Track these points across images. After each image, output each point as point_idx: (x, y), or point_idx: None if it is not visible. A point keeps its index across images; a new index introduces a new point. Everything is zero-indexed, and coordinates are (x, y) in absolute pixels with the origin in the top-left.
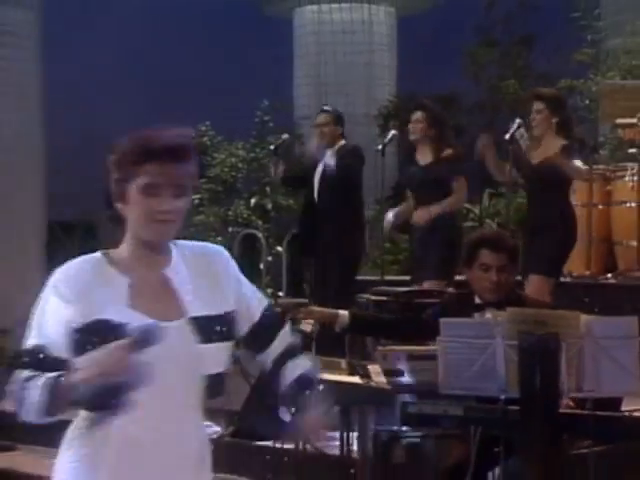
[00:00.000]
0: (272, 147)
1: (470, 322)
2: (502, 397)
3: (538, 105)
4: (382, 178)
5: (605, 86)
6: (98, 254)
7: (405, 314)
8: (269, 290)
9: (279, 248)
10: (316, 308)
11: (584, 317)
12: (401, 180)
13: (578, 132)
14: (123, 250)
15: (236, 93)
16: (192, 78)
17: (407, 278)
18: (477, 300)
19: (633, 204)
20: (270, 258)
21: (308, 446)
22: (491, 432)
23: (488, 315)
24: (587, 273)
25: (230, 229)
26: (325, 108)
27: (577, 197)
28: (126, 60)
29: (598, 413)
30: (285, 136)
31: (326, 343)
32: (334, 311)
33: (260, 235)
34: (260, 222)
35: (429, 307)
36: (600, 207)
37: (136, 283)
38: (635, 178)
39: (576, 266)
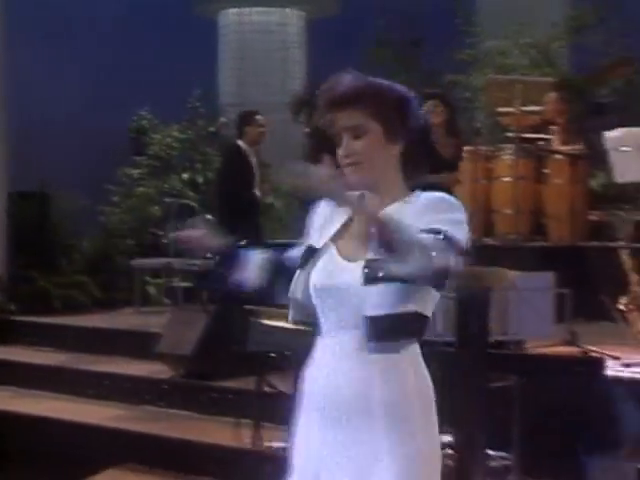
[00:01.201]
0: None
1: None
2: (439, 340)
3: (427, 103)
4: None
5: (488, 80)
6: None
7: None
8: None
9: (208, 216)
10: None
11: (510, 273)
12: None
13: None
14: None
15: (172, 83)
16: (133, 69)
17: None
18: None
19: (509, 179)
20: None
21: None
22: (434, 369)
23: None
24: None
25: (166, 200)
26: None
27: (464, 174)
28: (72, 52)
29: (520, 353)
30: (222, 119)
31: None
32: None
33: (193, 205)
34: (192, 194)
35: None
36: (483, 182)
37: (349, 221)
38: (511, 157)
39: None
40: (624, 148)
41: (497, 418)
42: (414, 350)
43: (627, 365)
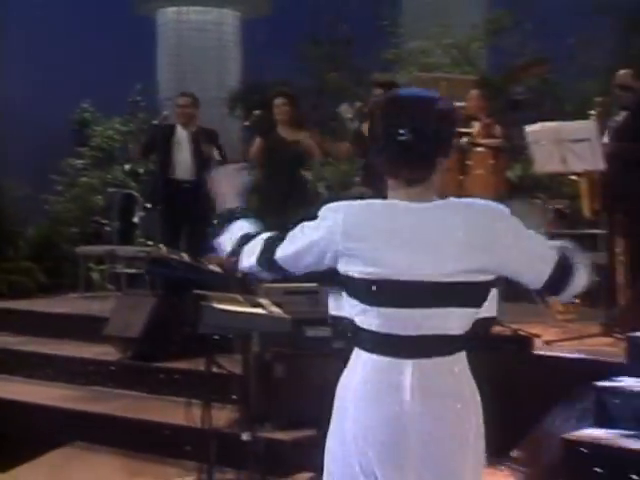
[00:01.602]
0: (155, 122)
1: None
2: None
3: (376, 91)
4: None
5: (413, 78)
6: None
7: None
8: (141, 240)
9: (149, 205)
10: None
11: None
12: None
13: None
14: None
15: (114, 78)
16: (76, 64)
17: None
18: None
19: None
20: (143, 214)
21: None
22: None
23: None
24: None
25: (109, 189)
26: (185, 92)
27: None
28: (16, 47)
29: None
30: (165, 112)
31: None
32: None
33: (136, 195)
34: (134, 184)
35: None
36: None
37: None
38: None
39: None
40: (543, 141)
41: None
42: None
43: (547, 343)
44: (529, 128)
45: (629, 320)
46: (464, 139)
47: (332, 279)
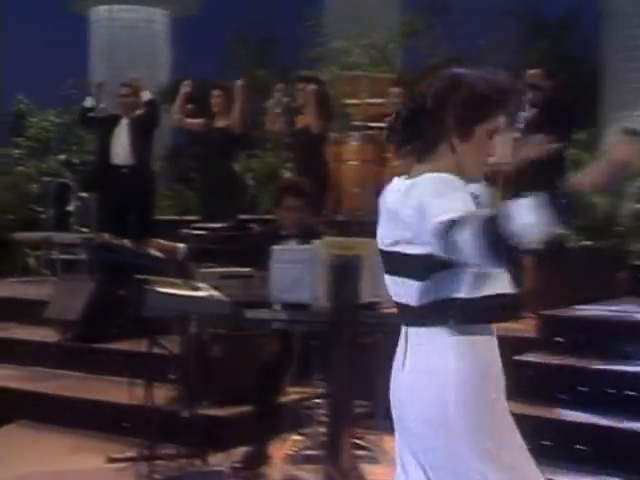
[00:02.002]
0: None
1: (295, 248)
2: (315, 304)
3: (300, 85)
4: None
5: (336, 76)
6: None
7: (225, 244)
8: (76, 227)
9: (84, 194)
10: (161, 241)
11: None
12: None
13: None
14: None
15: (49, 72)
16: (13, 59)
17: (195, 217)
18: (283, 232)
19: (355, 162)
20: (78, 202)
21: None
22: (310, 329)
23: (292, 243)
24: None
25: (45, 179)
26: (126, 82)
27: None
28: None
29: (386, 312)
30: (102, 105)
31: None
32: (173, 244)
33: (70, 184)
34: (69, 174)
35: (245, 237)
36: (333, 164)
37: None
38: (357, 143)
39: None
40: None
41: (365, 370)
42: None
43: None
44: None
45: (536, 300)
46: (383, 133)
47: None
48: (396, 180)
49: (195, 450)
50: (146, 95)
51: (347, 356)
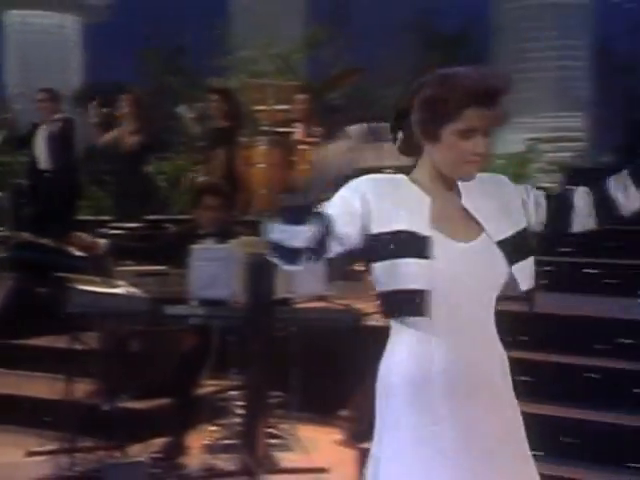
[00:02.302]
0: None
1: (213, 247)
2: (232, 300)
3: (212, 96)
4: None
5: (244, 83)
6: (400, 175)
7: (142, 242)
8: None
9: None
10: (82, 235)
11: None
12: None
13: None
14: (422, 176)
15: None
16: None
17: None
18: (200, 232)
19: (264, 165)
20: None
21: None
22: (227, 324)
23: (209, 242)
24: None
25: None
26: (45, 87)
27: None
28: None
29: (300, 307)
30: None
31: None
32: (94, 238)
33: None
34: None
35: (162, 236)
36: (243, 167)
37: (437, 205)
38: (265, 147)
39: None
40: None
41: (280, 362)
42: None
43: (366, 314)
44: (350, 128)
45: None
46: (290, 138)
47: None
48: None
49: (114, 442)
50: (60, 112)
51: (262, 349)
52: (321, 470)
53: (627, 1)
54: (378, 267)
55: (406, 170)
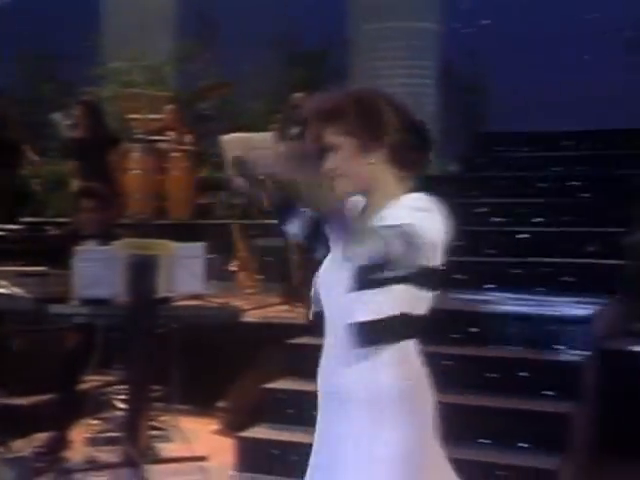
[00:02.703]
0: None
1: (97, 248)
2: (115, 299)
3: (80, 109)
4: None
5: (117, 93)
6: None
7: (21, 244)
8: None
9: None
10: None
11: (172, 243)
12: None
13: None
14: None
15: None
16: None
17: None
18: (82, 234)
19: (138, 171)
20: None
21: None
22: (110, 322)
23: (91, 244)
24: None
25: None
26: None
27: None
28: None
29: (180, 305)
30: None
31: None
32: None
33: None
34: None
35: (44, 238)
36: (119, 173)
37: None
38: (139, 154)
39: None
40: (236, 149)
41: (161, 358)
42: (401, 348)
43: (244, 311)
44: (223, 137)
45: (303, 292)
46: (162, 145)
47: None
48: None
49: None
50: None
51: (144, 345)
52: (201, 459)
53: (466, 27)
54: None
55: None
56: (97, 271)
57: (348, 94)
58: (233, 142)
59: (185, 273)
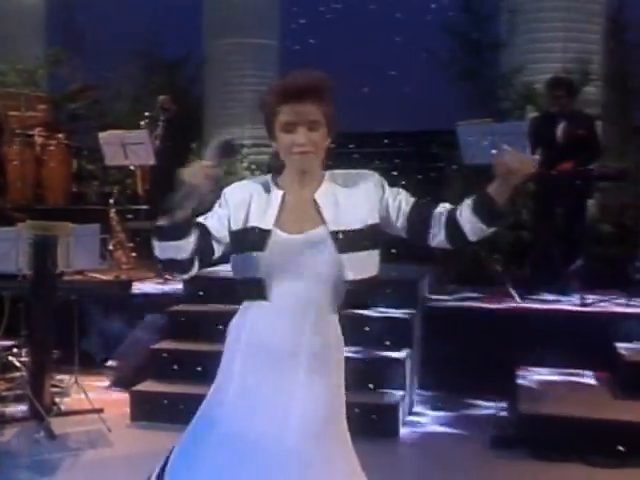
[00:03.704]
0: None
1: (4, 229)
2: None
3: None
4: None
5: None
6: (268, 176)
7: None
8: None
9: None
10: None
11: (70, 225)
12: None
13: None
14: (284, 176)
15: None
16: None
17: None
18: None
19: (17, 162)
20: None
21: None
22: (16, 294)
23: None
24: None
25: None
26: None
27: None
28: None
29: (78, 279)
30: None
31: None
32: None
33: None
34: None
35: None
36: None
37: (288, 200)
38: (18, 147)
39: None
40: (111, 143)
41: (60, 324)
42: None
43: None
44: (101, 134)
45: None
46: (39, 139)
47: None
48: None
49: None
50: None
51: (46, 313)
52: (99, 410)
53: (298, 44)
54: (234, 258)
55: None
56: (4, 249)
57: (325, 78)
58: (110, 137)
59: (82, 250)
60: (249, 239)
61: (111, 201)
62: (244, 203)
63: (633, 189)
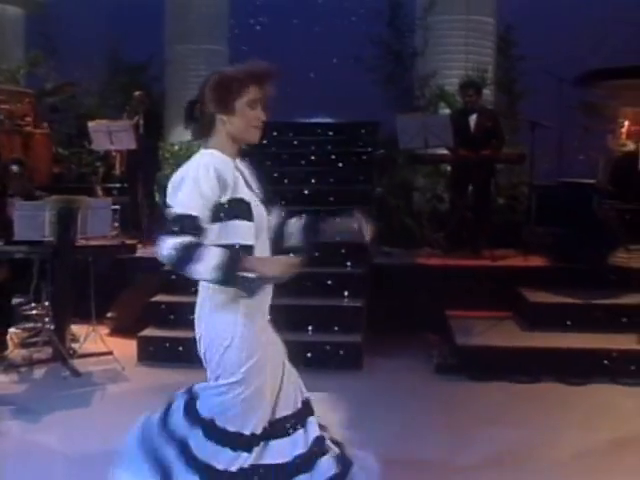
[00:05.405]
0: None
1: (31, 203)
2: (46, 240)
3: None
4: None
5: None
6: (213, 150)
7: None
8: None
9: None
10: None
11: (87, 198)
12: None
13: None
14: (222, 147)
15: None
16: None
17: None
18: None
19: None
20: None
21: None
22: (42, 257)
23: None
24: None
25: None
26: None
27: None
28: None
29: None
30: None
31: None
32: None
33: None
34: None
35: None
36: None
37: (242, 171)
38: (6, 135)
39: None
40: (99, 131)
41: (79, 283)
42: None
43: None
44: (90, 123)
45: (150, 234)
46: (25, 129)
47: None
48: None
49: None
50: None
51: (67, 274)
52: (109, 353)
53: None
54: (215, 227)
55: None
56: (33, 220)
57: (275, 66)
58: (98, 125)
59: (97, 220)
60: (236, 209)
61: (95, 179)
62: (221, 178)
63: (520, 169)
